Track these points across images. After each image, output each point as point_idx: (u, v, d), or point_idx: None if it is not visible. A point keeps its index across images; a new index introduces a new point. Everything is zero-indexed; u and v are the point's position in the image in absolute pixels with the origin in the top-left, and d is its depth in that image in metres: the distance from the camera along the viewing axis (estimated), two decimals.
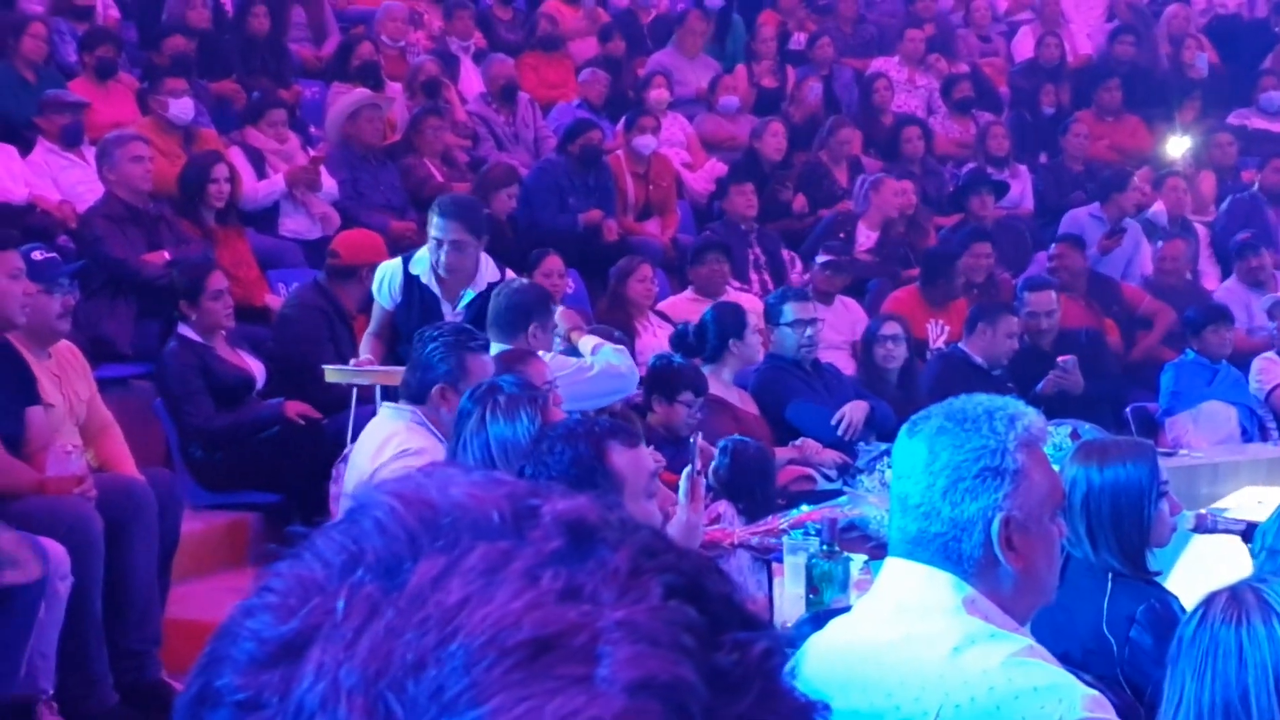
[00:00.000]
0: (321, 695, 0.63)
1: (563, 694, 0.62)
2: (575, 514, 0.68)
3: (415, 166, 9.69)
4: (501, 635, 0.63)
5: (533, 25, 12.28)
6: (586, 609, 0.64)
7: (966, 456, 2.43)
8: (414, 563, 0.66)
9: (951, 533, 2.44)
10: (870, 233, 10.19)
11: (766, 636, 0.68)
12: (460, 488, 0.69)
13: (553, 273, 8.57)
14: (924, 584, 2.44)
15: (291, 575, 0.68)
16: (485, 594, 0.65)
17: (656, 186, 10.43)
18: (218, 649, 0.67)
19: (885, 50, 13.21)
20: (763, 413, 7.36)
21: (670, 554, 0.68)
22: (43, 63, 9.24)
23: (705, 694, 0.64)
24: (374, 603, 0.65)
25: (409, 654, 0.63)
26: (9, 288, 5.40)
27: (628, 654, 0.63)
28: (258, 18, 10.69)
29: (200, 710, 0.66)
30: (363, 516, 0.69)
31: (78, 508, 5.28)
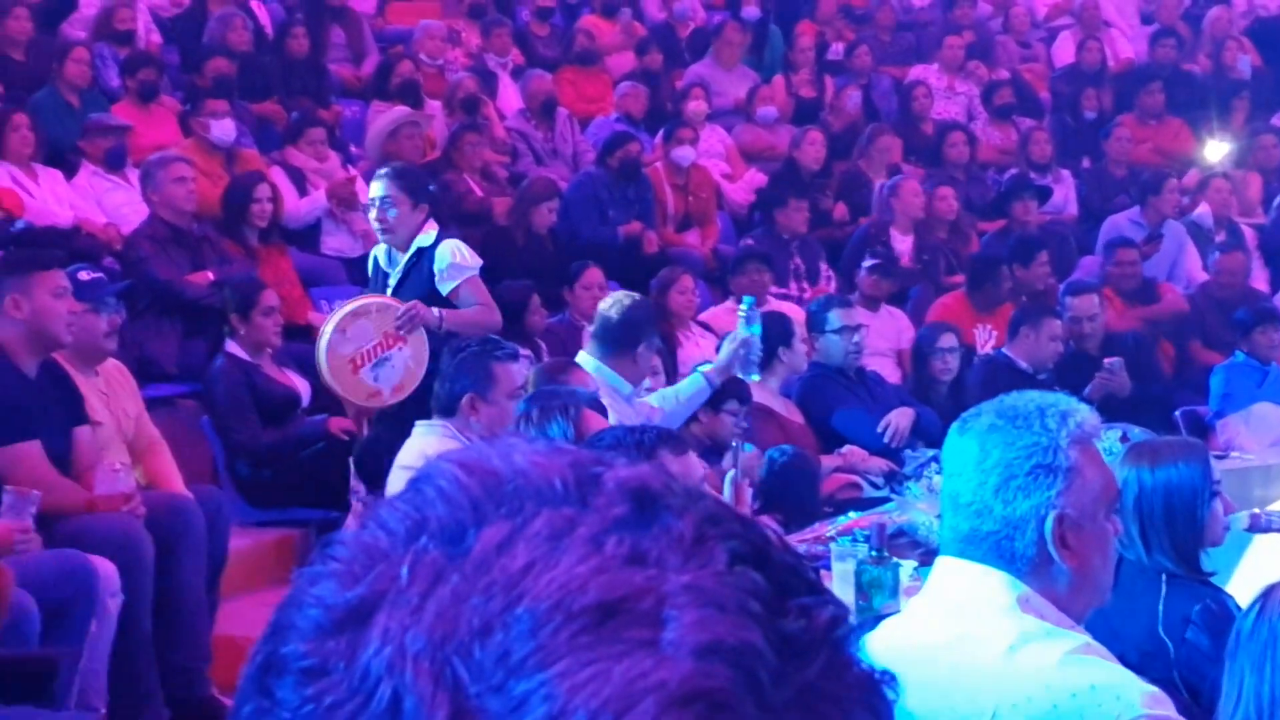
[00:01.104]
0: (388, 660, 0.63)
1: (629, 657, 0.62)
2: (639, 481, 0.68)
3: (455, 182, 9.71)
4: (567, 599, 0.63)
5: (570, 40, 12.30)
6: (652, 574, 0.64)
7: (1018, 454, 2.41)
8: (478, 529, 0.66)
9: (1004, 531, 2.41)
10: (904, 238, 10.15)
11: (832, 604, 0.68)
12: (523, 455, 0.69)
13: (593, 285, 8.58)
14: (977, 583, 2.42)
15: (355, 543, 0.68)
16: (550, 559, 0.64)
17: (696, 198, 10.43)
18: (283, 617, 0.67)
19: (924, 58, 13.17)
20: (808, 421, 7.33)
21: (734, 522, 0.68)
22: (86, 87, 9.31)
23: (773, 659, 0.63)
24: (439, 569, 0.65)
25: (475, 619, 0.63)
26: (54, 306, 5.43)
27: (694, 618, 0.63)
28: (297, 39, 10.74)
29: (266, 678, 0.66)
30: (426, 485, 0.69)
31: (127, 525, 5.30)
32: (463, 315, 6.65)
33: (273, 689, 0.66)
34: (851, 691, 0.66)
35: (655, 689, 0.61)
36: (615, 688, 0.61)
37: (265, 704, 0.66)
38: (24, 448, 5.31)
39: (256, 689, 0.67)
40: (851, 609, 4.44)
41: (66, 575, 4.89)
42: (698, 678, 0.61)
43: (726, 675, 0.62)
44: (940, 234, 10.34)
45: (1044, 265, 9.50)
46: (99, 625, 5.00)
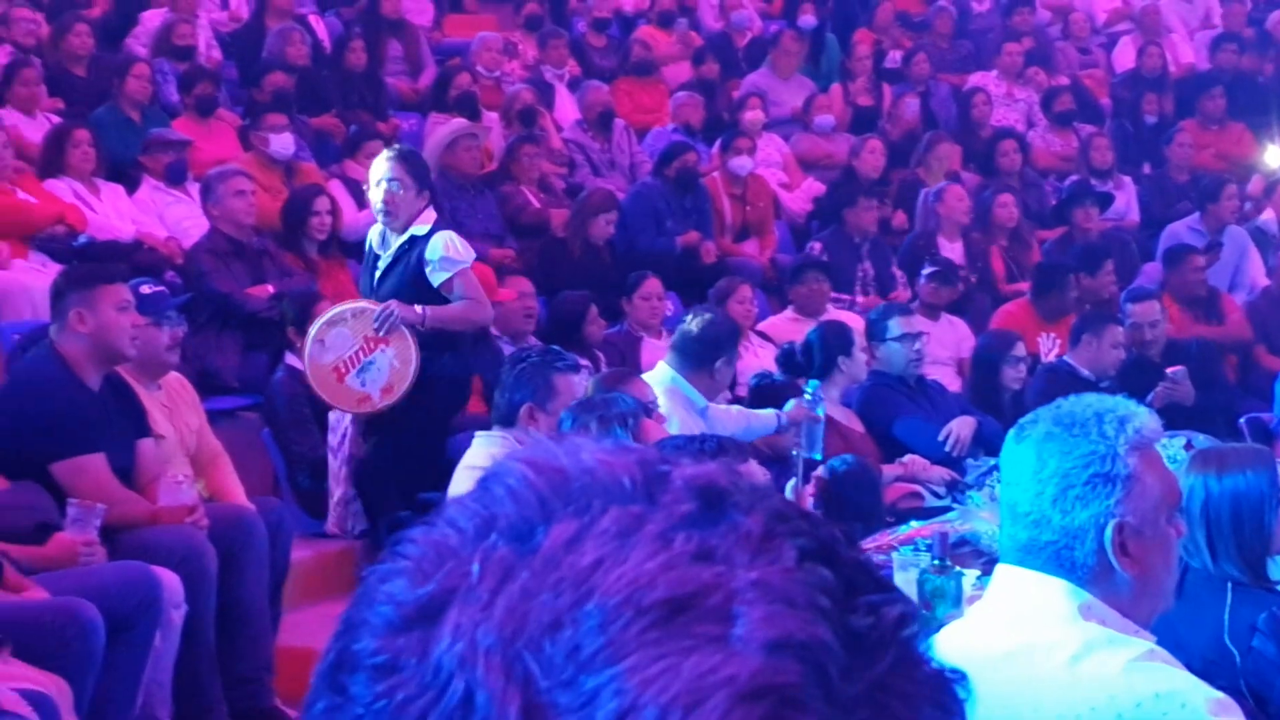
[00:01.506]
0: (460, 656, 0.63)
1: (699, 652, 0.62)
2: (706, 479, 0.68)
3: (513, 194, 9.73)
4: (637, 595, 0.63)
5: (626, 51, 12.31)
6: (720, 570, 0.64)
7: (1075, 463, 2.38)
8: (546, 527, 0.66)
9: (1063, 541, 2.38)
10: (952, 245, 10.09)
11: (901, 602, 0.68)
12: (590, 454, 0.69)
13: (652, 295, 8.59)
14: (1038, 592, 2.39)
15: (425, 541, 0.68)
16: (619, 555, 0.65)
17: (754, 207, 10.42)
18: (354, 615, 0.68)
19: (983, 65, 13.12)
20: (869, 430, 7.30)
21: (802, 519, 0.68)
22: (147, 103, 9.39)
23: (842, 655, 0.63)
24: (508, 565, 0.65)
25: (545, 614, 0.64)
26: (117, 320, 5.47)
27: (763, 613, 0.63)
28: (355, 52, 10.80)
29: (338, 675, 0.67)
30: (494, 484, 0.69)
31: (190, 537, 5.33)
32: (448, 311, 6.58)
33: (345, 685, 0.66)
34: (921, 688, 0.66)
35: (725, 684, 0.61)
36: (685, 682, 0.61)
37: (338, 700, 0.66)
38: (88, 460, 5.35)
39: (329, 686, 0.67)
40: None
41: (131, 587, 4.92)
42: (768, 673, 0.62)
43: (796, 670, 0.62)
44: (1000, 240, 10.28)
45: (1110, 274, 9.44)
46: (163, 637, 5.03)
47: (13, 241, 7.69)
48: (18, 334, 6.76)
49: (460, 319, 6.61)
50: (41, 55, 9.62)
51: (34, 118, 9.00)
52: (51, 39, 9.85)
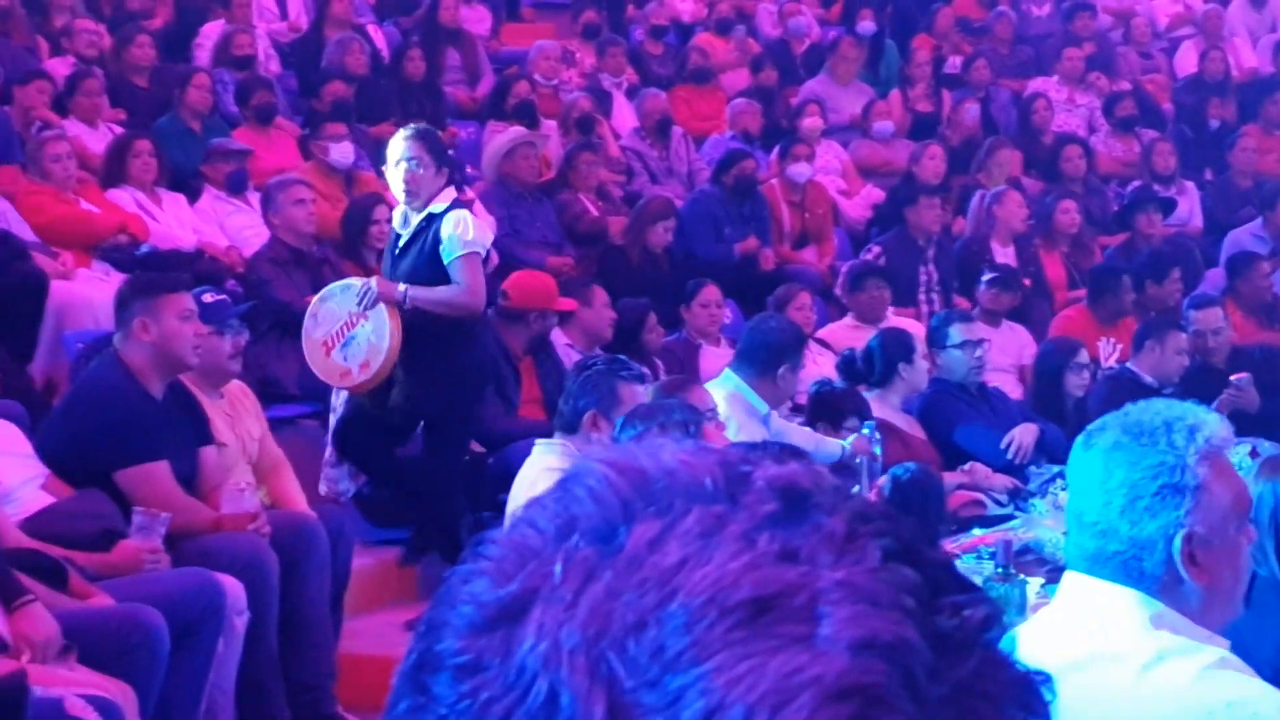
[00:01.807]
0: (544, 656, 0.63)
1: (785, 652, 0.62)
2: (788, 479, 0.68)
3: (571, 202, 9.74)
4: (721, 595, 0.63)
5: (684, 59, 12.31)
6: (805, 570, 0.64)
7: (1144, 474, 2.34)
8: (629, 527, 0.66)
9: (1131, 551, 2.35)
10: (1004, 250, 10.02)
11: (986, 603, 0.67)
12: (671, 455, 0.69)
13: (710, 303, 8.57)
14: (1108, 601, 2.35)
15: (507, 542, 0.68)
16: (703, 555, 0.64)
17: (812, 214, 10.39)
18: (436, 615, 0.68)
19: (1043, 70, 13.04)
20: (930, 437, 7.27)
21: (885, 520, 0.68)
22: (208, 113, 9.45)
23: (928, 656, 0.63)
24: (591, 566, 0.65)
25: (629, 614, 0.64)
26: (180, 329, 5.50)
27: (849, 613, 0.63)
28: (413, 61, 10.84)
29: (421, 675, 0.67)
30: (574, 485, 0.69)
31: (253, 545, 5.35)
32: (433, 293, 6.52)
33: (428, 685, 0.66)
34: (1007, 690, 0.66)
35: (811, 683, 0.61)
36: (771, 682, 0.61)
37: (420, 700, 0.66)
38: (152, 468, 5.38)
39: (411, 686, 0.67)
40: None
41: (195, 594, 4.94)
42: (854, 673, 0.61)
43: (882, 670, 0.62)
44: (1062, 247, 10.22)
45: (1176, 282, 9.37)
46: (226, 643, 5.05)
47: (76, 251, 7.76)
48: (81, 343, 6.81)
49: (444, 303, 6.52)
50: (103, 66, 9.71)
51: (96, 128, 9.07)
52: (113, 50, 9.94)
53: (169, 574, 5.06)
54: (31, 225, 7.71)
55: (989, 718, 0.64)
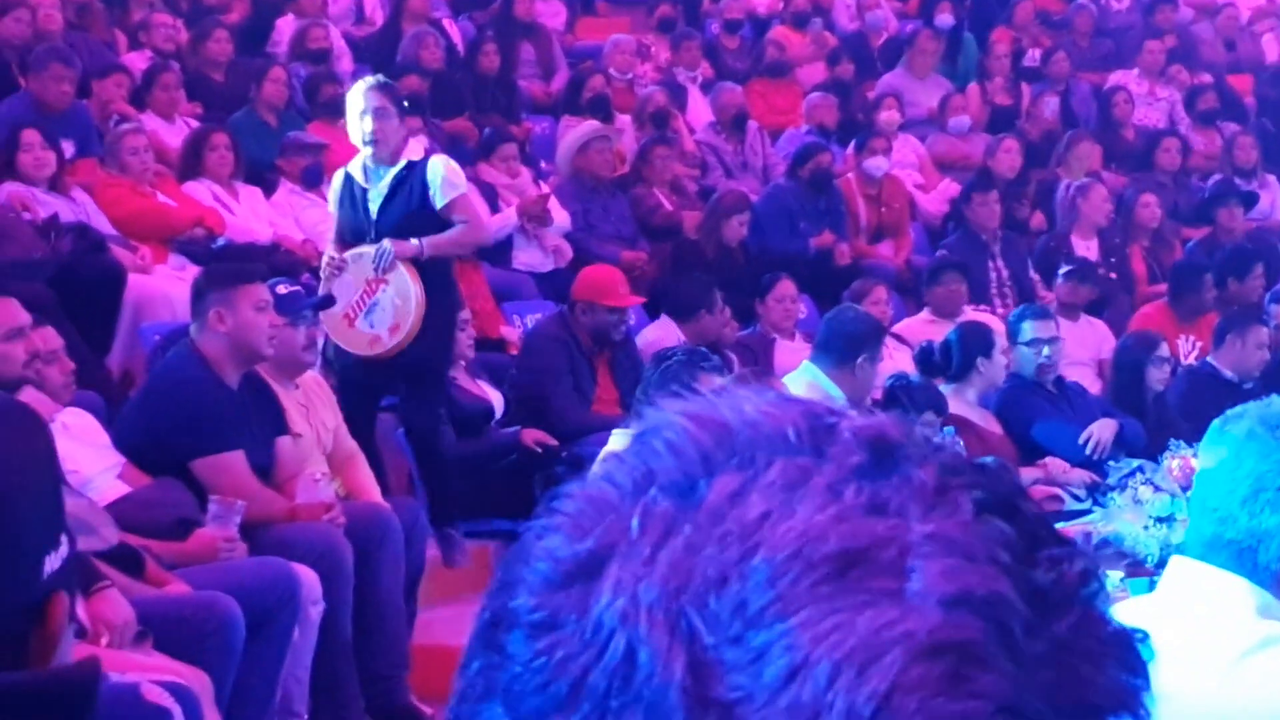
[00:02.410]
0: (621, 612, 0.61)
1: (873, 607, 0.59)
2: (876, 430, 0.65)
3: (645, 196, 9.72)
4: (807, 548, 0.60)
5: (760, 52, 12.26)
6: (894, 523, 0.61)
7: (1271, 467, 2.30)
8: (709, 480, 0.63)
9: (1248, 541, 2.30)
10: (1087, 244, 9.91)
11: (1083, 557, 0.64)
12: (753, 406, 0.66)
13: (785, 298, 8.52)
14: (1215, 587, 2.30)
15: (583, 496, 0.66)
16: (787, 508, 0.62)
17: (889, 208, 10.32)
18: (510, 572, 0.66)
19: (1124, 63, 12.91)
20: (1007, 432, 7.20)
21: (977, 472, 0.65)
22: (284, 106, 9.49)
23: (1025, 612, 0.60)
24: (670, 520, 0.62)
25: (710, 569, 0.61)
26: (255, 320, 5.52)
27: (941, 568, 0.60)
28: (488, 56, 10.85)
29: (495, 633, 0.65)
30: (653, 438, 0.66)
31: (328, 535, 5.37)
32: (447, 237, 6.57)
33: (503, 643, 0.64)
34: (1106, 647, 0.63)
35: (902, 639, 0.58)
36: (860, 638, 0.59)
37: (495, 658, 0.64)
38: (228, 458, 5.40)
39: (485, 644, 0.65)
40: None
41: (270, 583, 4.96)
42: (947, 628, 0.59)
43: (977, 626, 0.59)
44: (1142, 241, 10.10)
45: (1259, 278, 9.25)
46: (301, 633, 5.07)
47: (154, 245, 7.80)
48: (158, 335, 6.85)
49: (459, 243, 6.64)
50: (180, 60, 9.77)
51: (173, 122, 9.13)
52: (190, 44, 10.01)
53: (245, 563, 5.08)
54: (109, 218, 7.76)
55: (1089, 675, 0.61)
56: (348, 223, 6.67)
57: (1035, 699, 0.59)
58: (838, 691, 0.58)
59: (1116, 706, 0.62)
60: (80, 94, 8.80)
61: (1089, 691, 0.61)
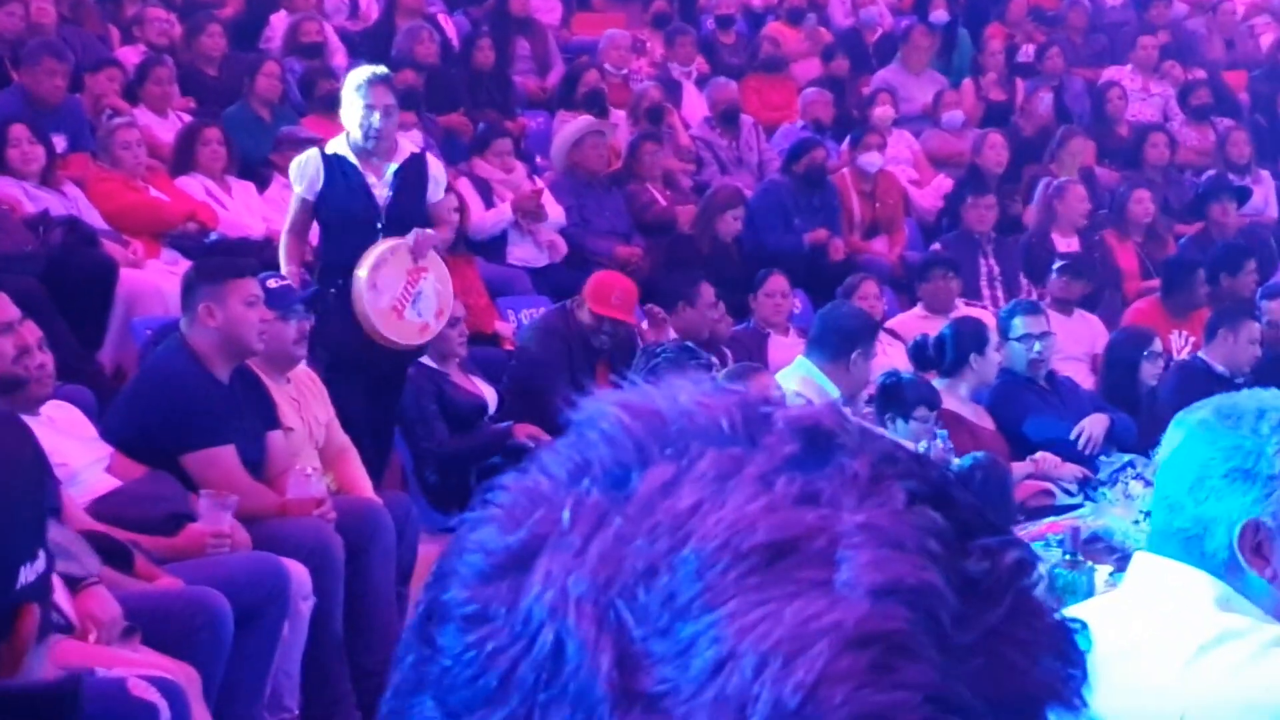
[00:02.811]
0: (550, 605, 0.61)
1: (801, 598, 0.59)
2: (811, 420, 0.65)
3: (639, 192, 9.72)
4: (736, 539, 0.60)
5: (755, 48, 12.25)
6: (825, 513, 0.61)
7: (1216, 454, 2.29)
8: (642, 471, 0.63)
9: (1194, 529, 2.29)
10: (1066, 241, 9.90)
11: (1018, 547, 0.64)
12: (688, 396, 0.66)
13: (776, 293, 8.52)
14: (1176, 581, 2.30)
15: (517, 488, 0.66)
16: (717, 499, 0.61)
17: (883, 204, 10.32)
18: (445, 565, 0.66)
19: (1118, 59, 12.91)
20: (999, 428, 7.20)
21: (912, 462, 0.65)
22: (277, 101, 9.48)
23: (954, 601, 0.60)
24: (601, 511, 0.62)
25: (639, 561, 0.61)
26: (246, 315, 5.51)
27: (870, 558, 0.60)
28: (483, 51, 10.84)
29: (428, 627, 0.65)
30: (588, 429, 0.66)
31: (318, 530, 5.36)
32: (440, 234, 6.79)
33: (434, 637, 0.64)
34: (1040, 637, 0.62)
35: (830, 630, 0.58)
36: (787, 629, 0.58)
37: (427, 652, 0.64)
38: (218, 452, 5.39)
39: (419, 638, 0.65)
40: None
41: (260, 577, 4.95)
42: (875, 619, 0.59)
43: (905, 616, 0.59)
44: (1135, 237, 10.10)
45: (1252, 273, 9.25)
46: (291, 627, 5.06)
47: (146, 239, 7.80)
48: (150, 330, 6.85)
49: (445, 240, 6.93)
50: (174, 55, 9.76)
51: (166, 117, 9.13)
52: (184, 39, 9.99)
53: (234, 558, 5.07)
54: (101, 213, 7.76)
55: (1022, 666, 0.61)
56: (338, 204, 6.66)
57: (965, 689, 0.59)
58: (764, 683, 0.58)
59: (1050, 697, 0.62)
60: (73, 88, 8.79)
61: (1022, 682, 0.61)
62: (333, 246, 6.73)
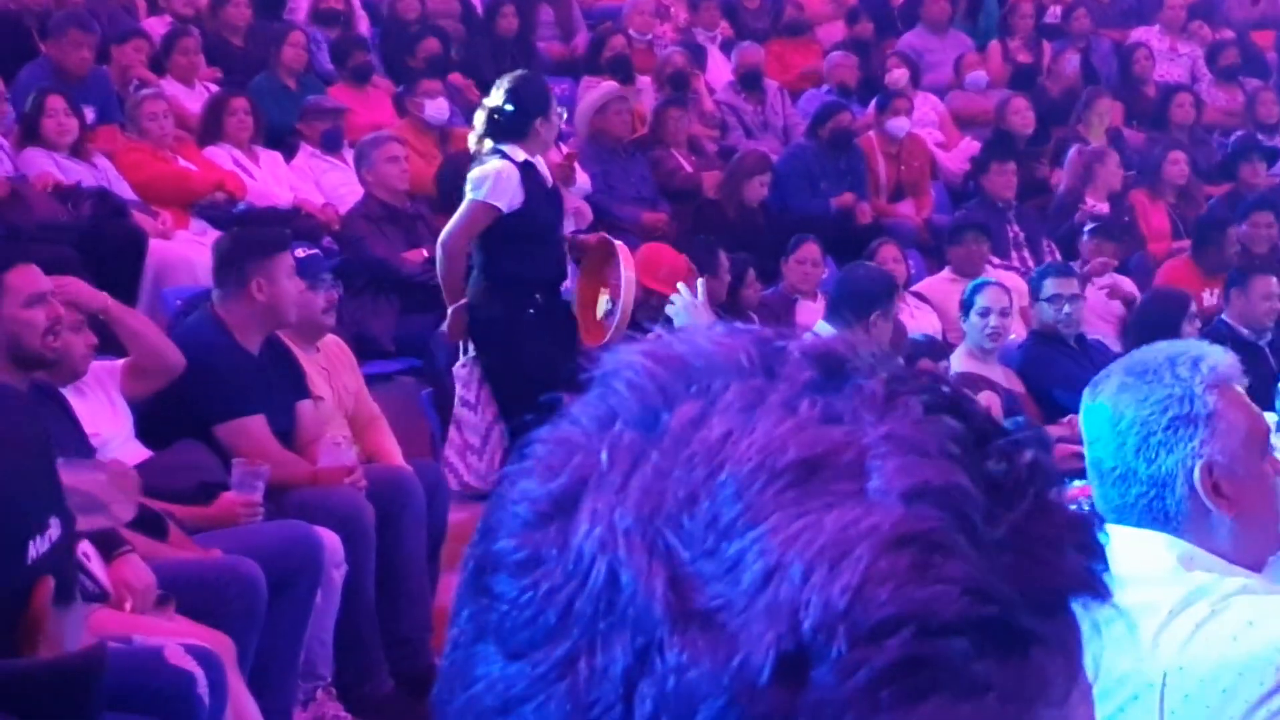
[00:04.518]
0: (600, 540, 0.64)
1: (838, 508, 0.62)
2: (824, 348, 0.69)
3: (664, 158, 9.70)
4: (769, 460, 0.64)
5: (779, 11, 12.20)
6: (849, 429, 0.65)
7: (1152, 410, 2.30)
8: (670, 410, 0.67)
9: (1153, 491, 2.30)
10: (1099, 204, 9.86)
11: (1034, 447, 0.67)
12: (706, 338, 0.70)
13: (807, 260, 8.49)
14: (1136, 550, 2.28)
15: (551, 439, 0.69)
16: (746, 426, 0.65)
17: (909, 167, 10.28)
18: (490, 519, 0.68)
19: (1145, 19, 12.83)
20: (1028, 390, 7.19)
21: (923, 378, 0.69)
22: (303, 70, 9.49)
23: (981, 500, 0.63)
24: (637, 450, 0.66)
25: (679, 490, 0.64)
26: (289, 287, 5.54)
27: (897, 464, 0.63)
28: (507, 18, 10.83)
29: (481, 578, 0.67)
30: (613, 379, 0.69)
31: (350, 498, 5.38)
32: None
33: (490, 586, 0.67)
34: (1063, 531, 0.65)
35: (868, 534, 0.62)
36: (828, 536, 0.62)
37: (484, 601, 0.67)
38: (249, 421, 5.41)
39: (473, 590, 0.68)
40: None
41: (292, 546, 4.97)
42: (909, 520, 0.62)
43: (937, 516, 0.62)
44: (1168, 198, 10.06)
45: (1267, 227, 9.19)
46: (324, 596, 5.08)
47: (175, 210, 7.82)
48: (180, 300, 6.87)
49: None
50: (200, 25, 9.77)
51: (193, 87, 9.14)
52: (210, 9, 10.00)
53: (266, 526, 5.09)
54: (130, 184, 7.78)
55: (1048, 559, 0.64)
56: (540, 216, 6.45)
57: (999, 581, 0.62)
58: (813, 588, 0.61)
59: (1078, 587, 0.65)
60: (100, 60, 8.80)
61: (1051, 574, 0.64)
62: (525, 260, 6.39)
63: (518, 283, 6.37)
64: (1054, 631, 0.64)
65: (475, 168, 6.42)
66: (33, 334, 4.77)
